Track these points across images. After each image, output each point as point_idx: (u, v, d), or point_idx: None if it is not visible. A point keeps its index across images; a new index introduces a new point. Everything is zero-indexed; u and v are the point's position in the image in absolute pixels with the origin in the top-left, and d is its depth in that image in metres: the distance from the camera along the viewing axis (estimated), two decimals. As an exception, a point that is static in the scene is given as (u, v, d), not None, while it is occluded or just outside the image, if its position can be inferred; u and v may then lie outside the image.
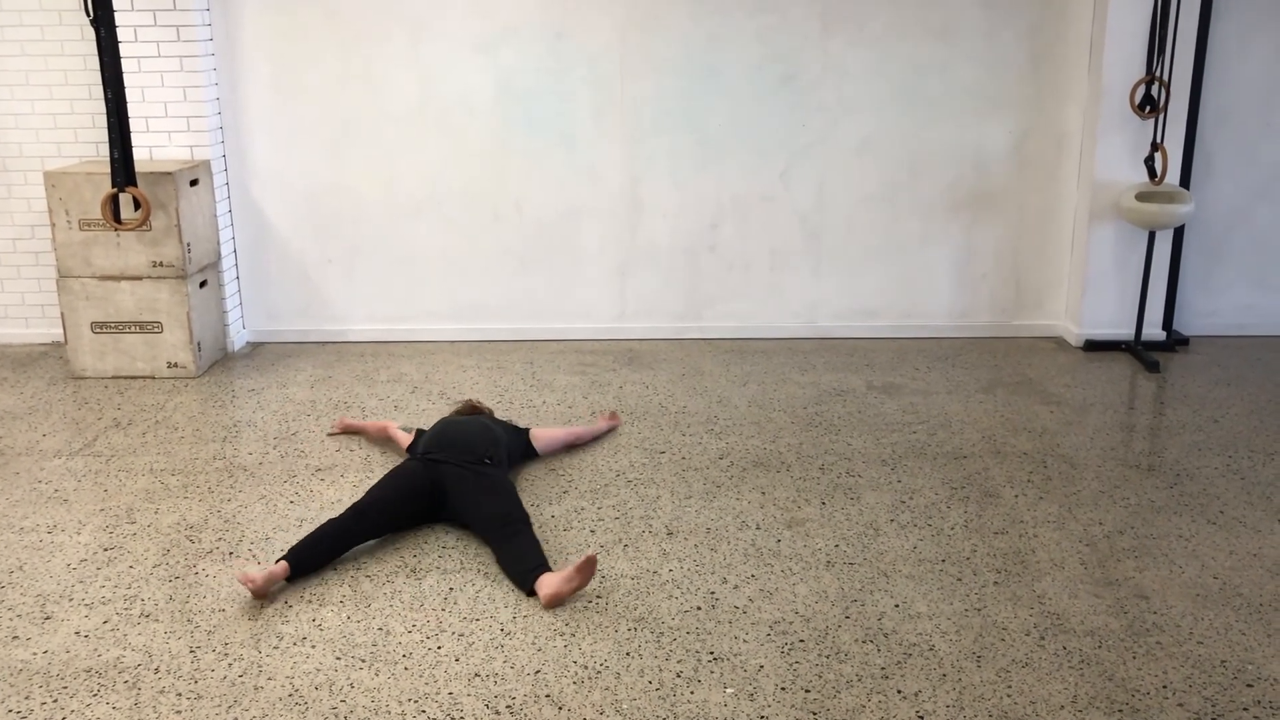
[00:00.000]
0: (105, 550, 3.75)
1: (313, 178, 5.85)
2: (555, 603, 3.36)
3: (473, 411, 4.49)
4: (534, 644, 3.18)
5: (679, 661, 3.10)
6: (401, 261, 5.97)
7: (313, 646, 3.18)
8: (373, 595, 3.46)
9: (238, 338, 5.95)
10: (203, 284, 5.57)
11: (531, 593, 3.42)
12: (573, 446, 4.56)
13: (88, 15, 4.86)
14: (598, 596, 3.43)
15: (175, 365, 5.49)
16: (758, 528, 3.87)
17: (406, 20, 5.64)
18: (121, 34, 5.38)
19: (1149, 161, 5.51)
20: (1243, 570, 3.56)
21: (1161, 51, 5.39)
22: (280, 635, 3.24)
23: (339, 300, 6.03)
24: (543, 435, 4.47)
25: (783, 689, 2.97)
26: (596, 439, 4.65)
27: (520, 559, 3.53)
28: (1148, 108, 5.48)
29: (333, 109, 5.76)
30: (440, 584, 3.52)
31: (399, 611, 3.37)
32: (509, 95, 5.75)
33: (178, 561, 3.68)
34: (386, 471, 4.16)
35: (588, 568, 3.38)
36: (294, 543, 3.66)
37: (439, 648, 3.18)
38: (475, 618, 3.33)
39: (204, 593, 3.48)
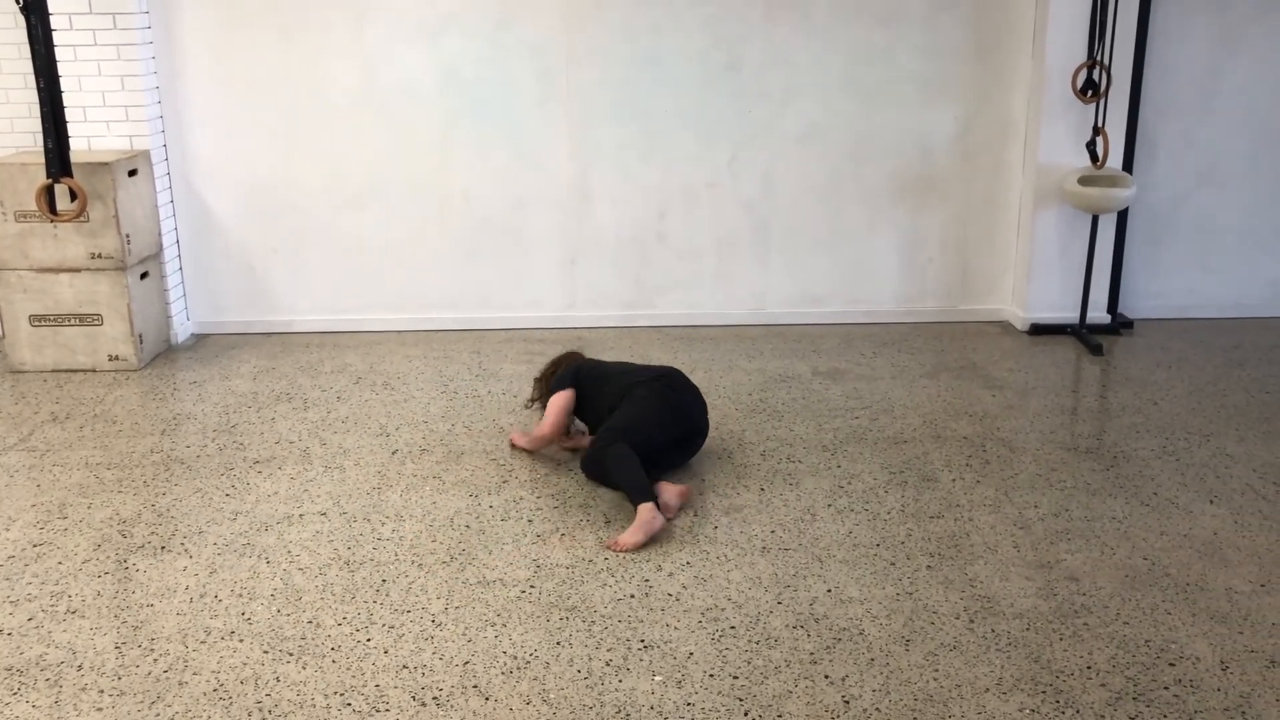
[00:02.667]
0: (34, 546, 3.70)
1: (256, 167, 5.79)
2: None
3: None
4: (464, 635, 3.17)
5: (609, 650, 3.09)
6: (347, 252, 5.92)
7: (240, 640, 3.16)
8: (305, 588, 3.43)
9: (181, 329, 5.89)
10: (144, 275, 5.50)
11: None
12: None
13: (17, 2, 4.78)
14: (531, 586, 3.42)
15: (116, 358, 5.42)
16: (696, 514, 3.87)
17: (348, 8, 5.59)
18: (56, 21, 5.29)
19: (1091, 146, 5.54)
20: (1172, 551, 3.60)
21: (1102, 36, 5.42)
22: (208, 630, 3.21)
23: (284, 291, 5.97)
24: None
25: (711, 676, 2.97)
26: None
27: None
28: (1089, 92, 5.51)
29: (275, 98, 5.70)
30: (373, 576, 3.50)
31: (330, 604, 3.34)
32: (453, 84, 5.71)
33: (108, 557, 3.64)
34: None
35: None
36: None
37: (368, 640, 3.16)
38: (407, 609, 3.31)
39: (133, 588, 3.45)
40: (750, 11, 5.64)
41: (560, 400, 4.30)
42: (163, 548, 3.70)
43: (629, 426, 4.01)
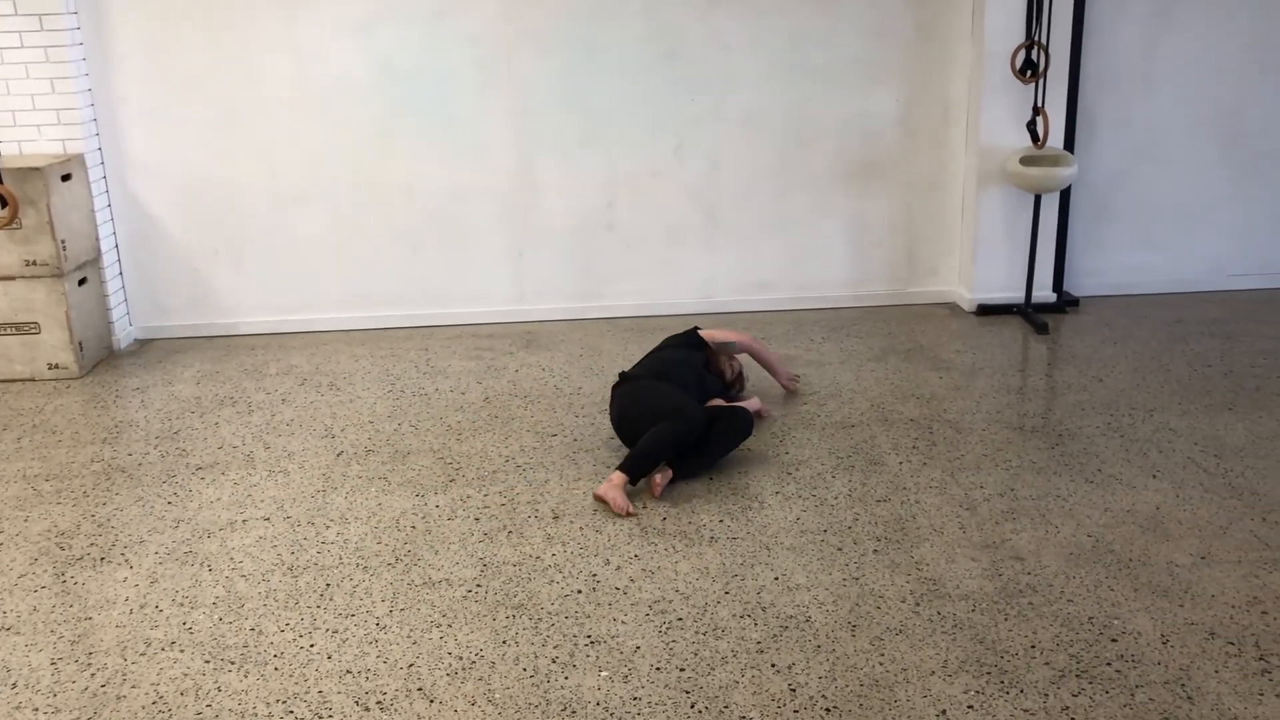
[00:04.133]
0: (-31, 562, 3.63)
1: (193, 167, 5.70)
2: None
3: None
4: (409, 637, 3.14)
5: (555, 647, 3.07)
6: (290, 250, 5.84)
7: (181, 651, 3.11)
8: (247, 595, 3.39)
9: (124, 335, 5.79)
10: (82, 281, 5.40)
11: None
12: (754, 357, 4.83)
13: (-62, 6, 4.67)
14: (478, 585, 3.39)
15: (56, 366, 5.32)
16: (644, 507, 3.85)
17: (278, 1, 5.50)
18: (-20, 25, 5.20)
19: (1031, 126, 5.56)
20: (1116, 527, 3.63)
21: (1040, 16, 5.44)
22: (148, 641, 3.16)
23: (228, 292, 5.89)
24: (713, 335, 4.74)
25: (658, 669, 2.96)
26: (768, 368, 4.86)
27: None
28: (1029, 72, 5.54)
29: (209, 95, 5.60)
30: (317, 580, 3.45)
31: (273, 611, 3.30)
32: (391, 76, 5.65)
33: (44, 570, 3.57)
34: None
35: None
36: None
37: (311, 645, 3.12)
38: (351, 613, 3.27)
39: (70, 602, 3.38)
40: (690, -2, 5.62)
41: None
42: (102, 559, 3.63)
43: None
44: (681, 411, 3.98)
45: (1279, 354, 5.17)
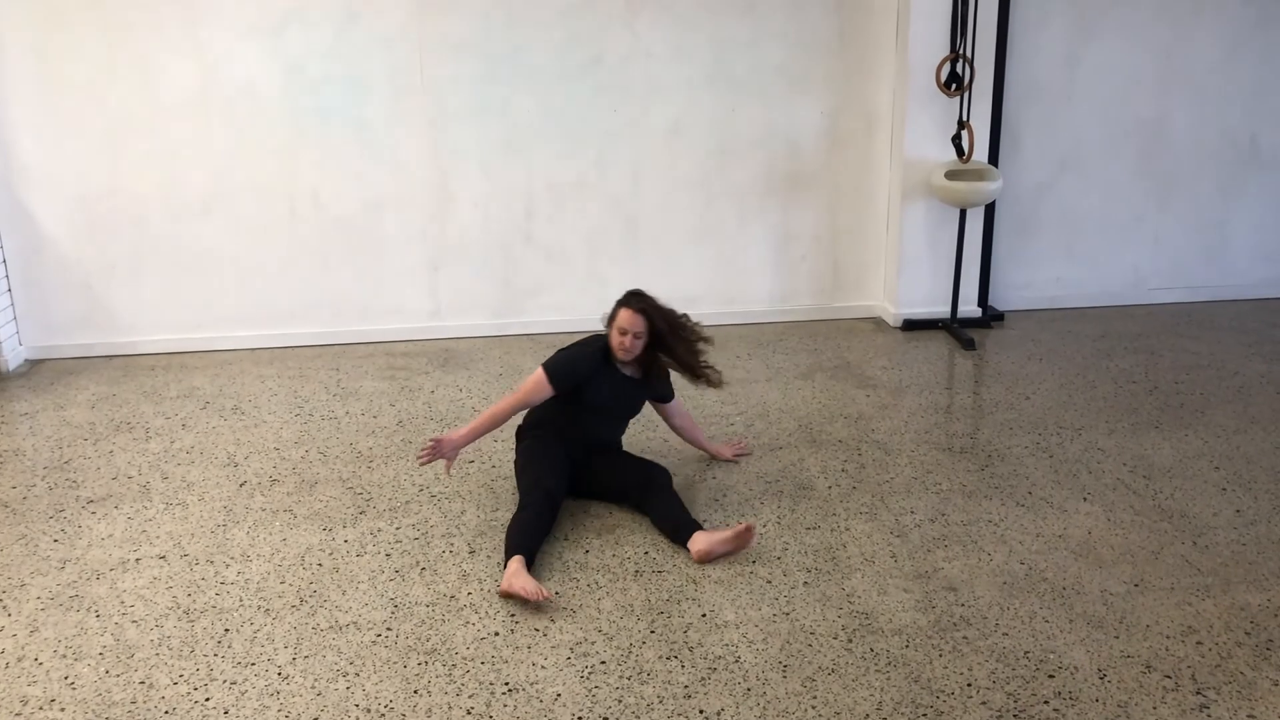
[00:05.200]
0: None
1: (87, 178, 5.39)
2: (706, 559, 3.48)
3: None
4: (313, 688, 2.93)
5: (470, 696, 2.89)
6: (191, 264, 5.56)
7: (62, 710, 2.86)
8: (138, 644, 3.14)
9: (13, 356, 5.46)
10: (-35, 299, 5.08)
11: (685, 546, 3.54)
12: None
13: None
14: (388, 628, 3.19)
15: (-64, 390, 4.99)
16: (565, 539, 3.68)
17: (179, 2, 5.22)
18: None
19: (957, 140, 5.51)
20: (1048, 553, 3.55)
21: (964, 28, 5.39)
22: (24, 699, 2.90)
23: (125, 310, 5.59)
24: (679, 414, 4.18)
25: (579, 719, 2.79)
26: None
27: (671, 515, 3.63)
28: (953, 85, 5.48)
29: (105, 103, 5.31)
30: (215, 625, 3.22)
31: (166, 660, 3.06)
32: (299, 82, 5.40)
33: (-86, 619, 3.29)
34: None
35: (746, 535, 3.48)
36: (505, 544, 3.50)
37: (207, 699, 2.89)
38: (251, 662, 3.05)
39: (-59, 655, 3.11)
40: (612, 4, 5.46)
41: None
42: (-22, 605, 3.36)
43: None
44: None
45: (1200, 370, 5.17)
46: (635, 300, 3.89)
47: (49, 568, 3.57)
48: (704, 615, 3.23)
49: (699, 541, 3.50)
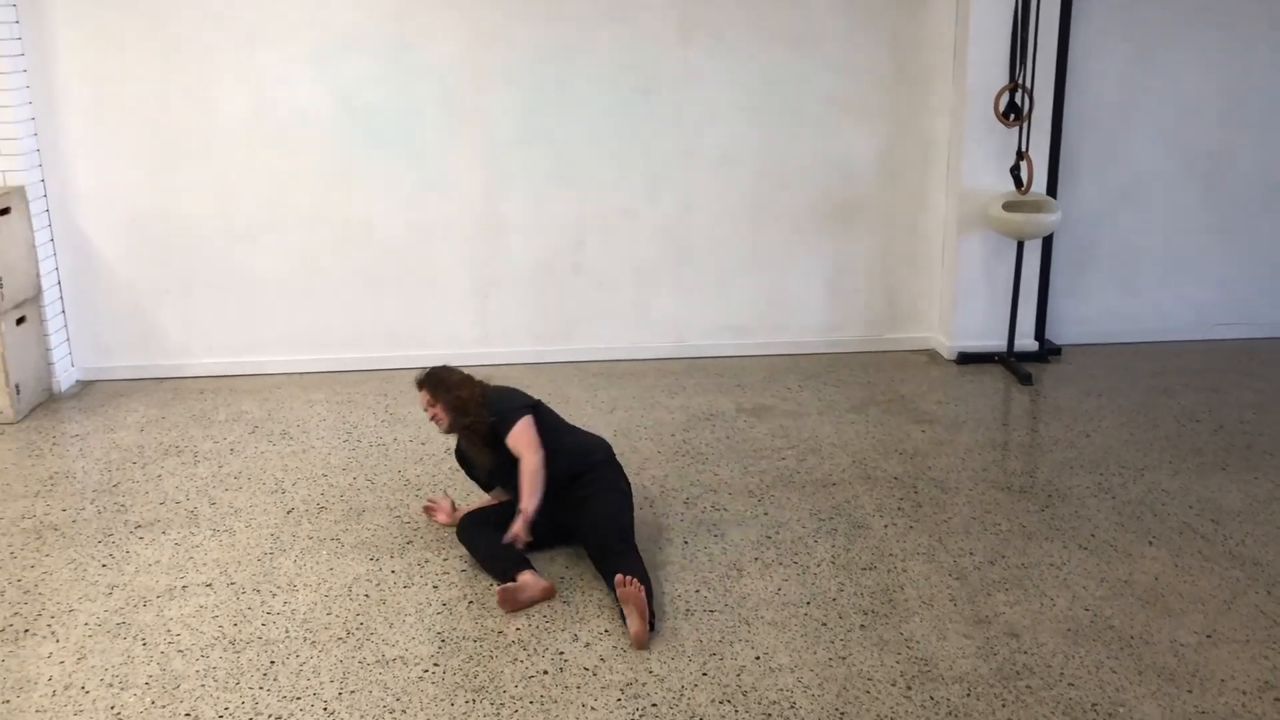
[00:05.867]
0: (-122, 635, 3.33)
1: (141, 201, 5.42)
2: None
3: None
4: (359, 725, 2.88)
5: (519, 737, 2.82)
6: (242, 289, 5.57)
7: (107, 741, 2.83)
8: (184, 674, 3.11)
9: (65, 377, 5.49)
10: (20, 320, 5.11)
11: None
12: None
13: None
14: (435, 664, 3.13)
15: (-10, 410, 5.02)
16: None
17: (235, 30, 5.26)
18: (-83, 49, 4.93)
19: (1015, 171, 5.41)
20: (1114, 600, 3.43)
21: (1023, 58, 5.30)
22: (70, 729, 2.88)
23: (176, 333, 5.60)
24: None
25: (631, 764, 2.72)
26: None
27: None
28: (1012, 115, 5.39)
29: (159, 127, 5.34)
30: (260, 657, 3.18)
31: (211, 692, 3.02)
32: (351, 110, 5.41)
33: (-38, 644, 3.27)
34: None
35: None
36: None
37: (252, 735, 2.85)
38: (296, 695, 3.00)
39: (-12, 681, 3.09)
40: (663, 33, 5.43)
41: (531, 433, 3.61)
42: (26, 630, 3.34)
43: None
44: None
45: (1267, 409, 5.02)
46: (423, 380, 3.76)
47: (97, 593, 3.55)
48: (757, 658, 3.14)
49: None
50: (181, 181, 5.41)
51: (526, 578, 3.43)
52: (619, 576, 3.25)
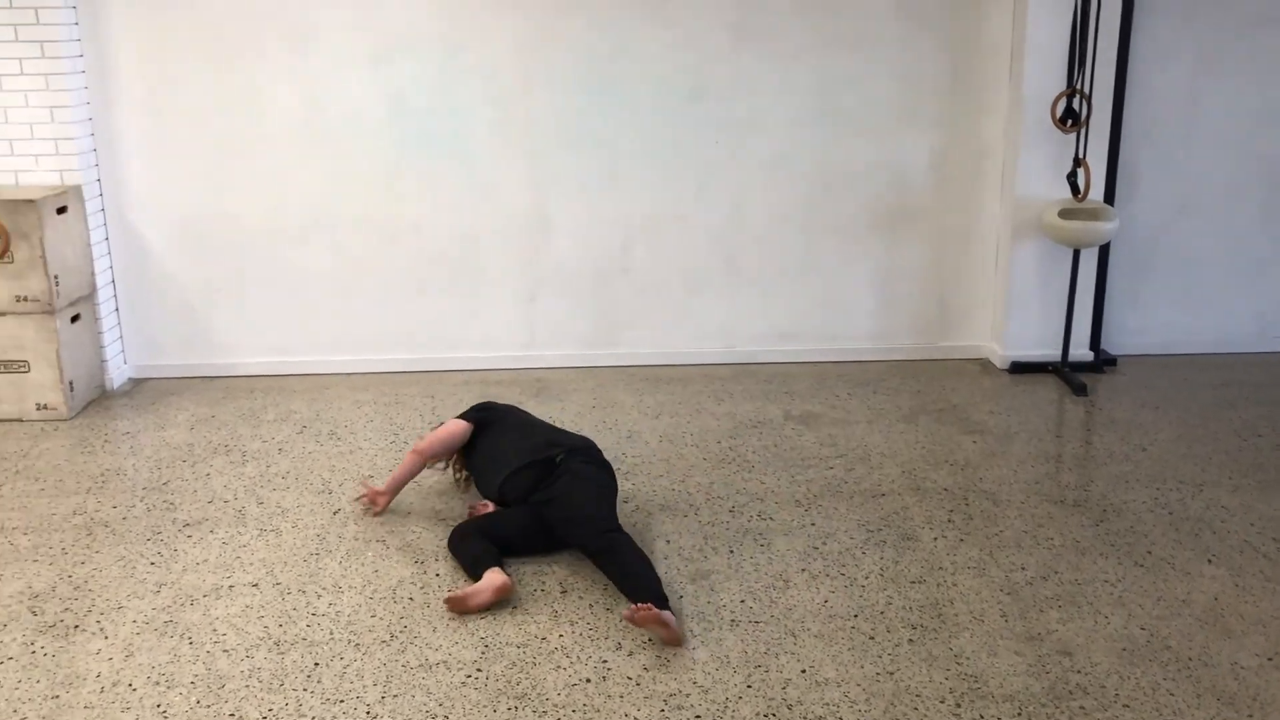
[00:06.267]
0: (-68, 628, 3.37)
1: (194, 202, 5.47)
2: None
3: None
4: (402, 730, 2.87)
5: (561, 747, 2.80)
6: (292, 289, 5.61)
7: (152, 740, 2.84)
8: (229, 674, 3.12)
9: (118, 374, 5.55)
10: (75, 318, 5.17)
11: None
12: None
13: (-68, 31, 4.47)
14: (478, 670, 3.12)
15: (45, 407, 5.08)
16: (659, 581, 3.57)
17: (287, 33, 5.29)
18: (-21, 50, 5.01)
19: (1072, 177, 5.31)
20: (1171, 619, 3.34)
21: (1082, 63, 5.20)
22: (117, 727, 2.90)
23: (226, 332, 5.65)
24: None
25: (674, 777, 2.68)
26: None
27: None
28: (1069, 121, 5.29)
29: (213, 128, 5.39)
30: (305, 658, 3.19)
31: (255, 693, 3.03)
32: (402, 112, 5.42)
33: (13, 639, 3.31)
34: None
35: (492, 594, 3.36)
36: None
37: (295, 737, 2.85)
38: (340, 699, 3.00)
39: (38, 676, 3.12)
40: (716, 35, 5.39)
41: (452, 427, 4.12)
42: (76, 626, 3.37)
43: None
44: None
45: (1332, 424, 4.89)
46: None
47: (145, 590, 3.58)
48: (803, 671, 3.10)
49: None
50: (234, 182, 5.46)
51: (485, 579, 3.43)
52: (626, 613, 3.22)
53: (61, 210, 5.06)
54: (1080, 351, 5.63)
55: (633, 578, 3.38)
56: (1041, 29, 5.26)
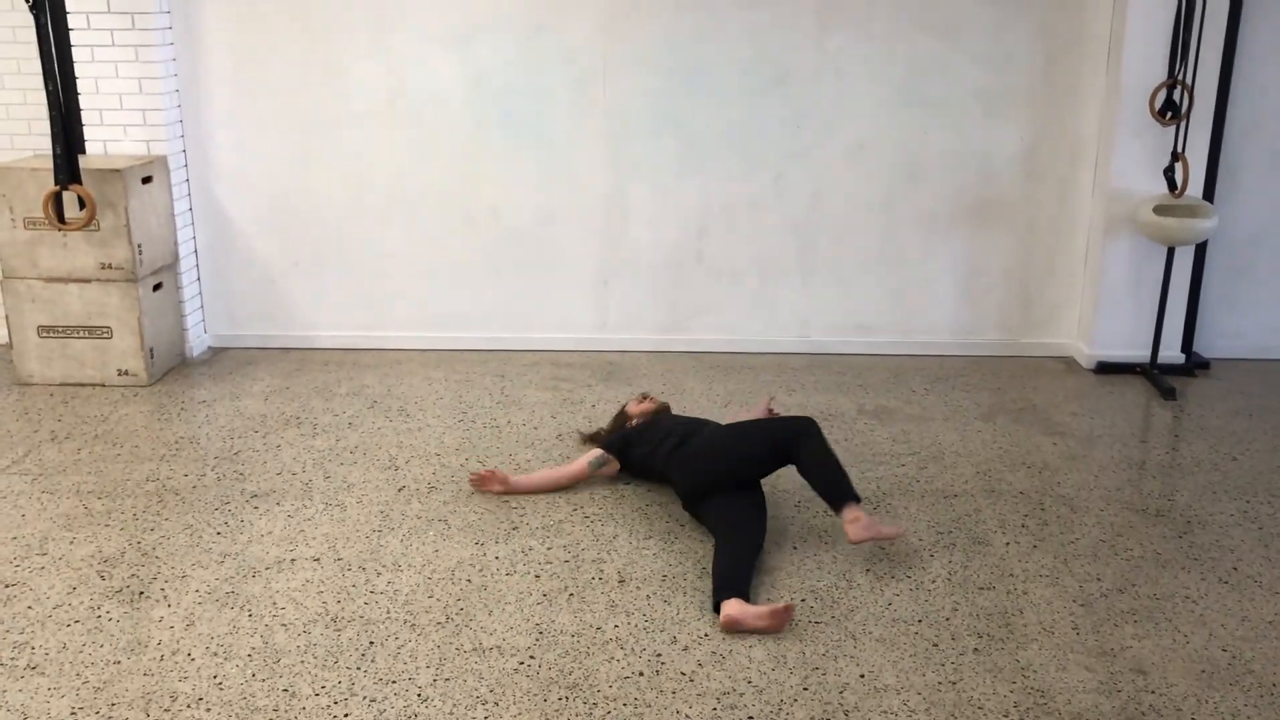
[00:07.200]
0: (6, 588, 3.45)
1: (277, 176, 5.53)
2: (732, 628, 3.19)
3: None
4: (451, 713, 2.85)
5: (609, 741, 2.76)
6: (370, 266, 5.64)
7: (207, 710, 2.87)
8: (285, 649, 3.14)
9: (198, 343, 5.65)
10: (157, 287, 5.27)
11: (715, 609, 3.27)
12: None
13: (26, 1, 4.56)
14: (531, 657, 3.09)
15: (126, 373, 5.19)
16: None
17: (374, 10, 5.30)
18: (73, 20, 5.11)
19: (1169, 172, 5.09)
20: (1256, 641, 3.18)
21: (1185, 53, 4.98)
22: (174, 695, 2.92)
23: (304, 305, 5.71)
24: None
25: (722, 778, 2.63)
26: None
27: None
28: (1169, 114, 5.07)
29: (298, 104, 5.43)
30: (360, 637, 3.19)
31: (310, 669, 3.04)
32: (484, 92, 5.41)
33: (82, 602, 3.37)
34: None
35: (783, 616, 3.19)
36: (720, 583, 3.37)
37: (346, 715, 2.85)
38: (392, 679, 3.00)
39: (103, 640, 3.17)
40: (801, 20, 5.27)
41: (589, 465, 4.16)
42: (141, 593, 3.42)
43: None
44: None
45: None
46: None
47: (210, 560, 3.62)
48: (862, 676, 3.01)
49: (731, 607, 3.20)
50: (316, 157, 5.50)
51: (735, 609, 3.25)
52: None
53: (147, 180, 5.15)
54: (1171, 353, 5.41)
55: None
56: (1143, 17, 5.04)
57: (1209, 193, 5.30)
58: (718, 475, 3.74)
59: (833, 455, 3.67)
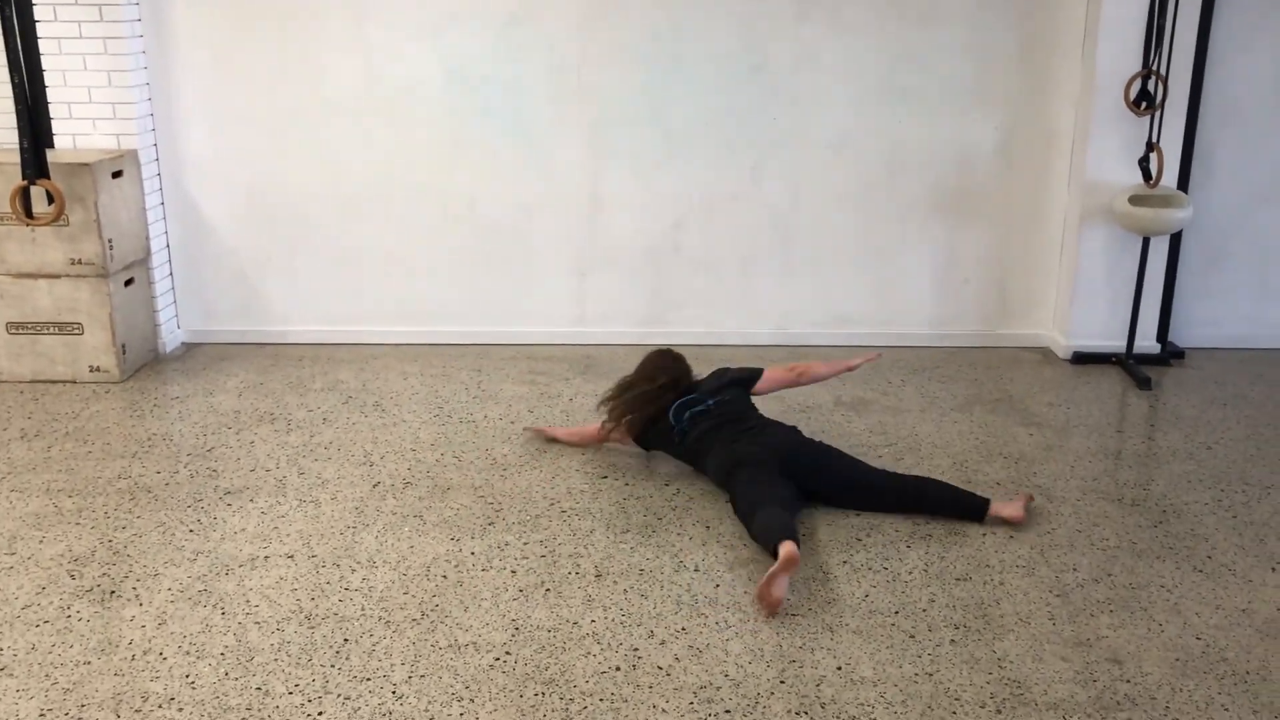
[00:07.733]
0: (-26, 587, 3.41)
1: (251, 169, 5.48)
2: (792, 567, 3.30)
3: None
4: (426, 711, 2.83)
5: (585, 736, 2.74)
6: (345, 259, 5.60)
7: (179, 710, 2.83)
8: (259, 647, 3.11)
9: (171, 338, 5.59)
10: (128, 282, 5.21)
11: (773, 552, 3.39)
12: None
13: (-9, -7, 4.49)
14: (507, 653, 3.07)
15: (97, 369, 5.13)
16: (696, 570, 3.50)
17: (347, 1, 5.25)
18: (40, 12, 5.05)
19: (1144, 162, 5.11)
20: (1230, 629, 3.19)
21: (1160, 44, 4.99)
22: (145, 695, 2.89)
23: (278, 300, 5.66)
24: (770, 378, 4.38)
25: (699, 773, 2.62)
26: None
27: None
28: (1144, 104, 5.08)
29: (271, 95, 5.38)
30: (335, 634, 3.16)
31: (283, 668, 3.01)
32: (461, 84, 5.37)
33: (51, 602, 3.33)
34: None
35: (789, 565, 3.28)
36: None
37: (320, 714, 2.82)
38: (367, 677, 2.97)
39: (72, 641, 3.13)
40: (779, 10, 5.25)
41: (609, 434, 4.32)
42: (112, 592, 3.38)
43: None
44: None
45: None
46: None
47: (182, 558, 3.58)
48: (839, 668, 3.01)
49: (790, 547, 3.31)
50: (290, 150, 5.45)
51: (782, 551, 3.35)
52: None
53: (117, 174, 5.09)
54: (1147, 343, 5.44)
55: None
56: (1118, 6, 5.05)
57: (1184, 183, 5.32)
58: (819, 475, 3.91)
59: (940, 487, 3.86)
